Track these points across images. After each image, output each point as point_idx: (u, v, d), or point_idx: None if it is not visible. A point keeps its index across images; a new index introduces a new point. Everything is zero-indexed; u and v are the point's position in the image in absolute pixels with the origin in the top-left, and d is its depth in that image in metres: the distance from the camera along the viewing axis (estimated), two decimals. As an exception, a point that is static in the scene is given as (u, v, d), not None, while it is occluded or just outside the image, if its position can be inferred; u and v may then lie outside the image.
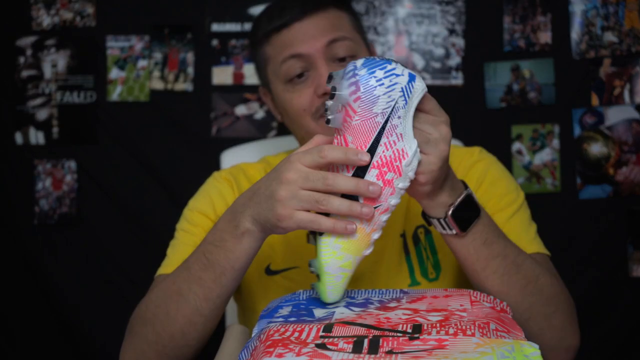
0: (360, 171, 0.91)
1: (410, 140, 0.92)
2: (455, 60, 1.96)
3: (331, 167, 0.93)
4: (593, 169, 1.92)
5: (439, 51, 1.96)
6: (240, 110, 1.99)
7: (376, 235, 0.95)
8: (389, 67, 0.89)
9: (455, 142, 1.68)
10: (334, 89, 0.90)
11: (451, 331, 0.84)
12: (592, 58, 1.91)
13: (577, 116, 1.92)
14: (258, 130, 1.99)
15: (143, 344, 1.07)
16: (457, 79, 1.96)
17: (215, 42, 2.00)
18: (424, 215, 1.03)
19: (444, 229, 1.01)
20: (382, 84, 0.89)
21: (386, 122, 0.90)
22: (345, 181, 0.90)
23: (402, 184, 0.93)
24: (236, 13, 2.00)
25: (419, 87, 0.92)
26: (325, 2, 1.22)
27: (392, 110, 0.90)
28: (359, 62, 0.90)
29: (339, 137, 0.92)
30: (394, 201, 0.93)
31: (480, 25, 1.96)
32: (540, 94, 1.94)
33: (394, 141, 0.91)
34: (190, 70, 2.01)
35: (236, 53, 1.99)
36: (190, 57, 2.01)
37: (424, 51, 1.96)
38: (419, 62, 1.97)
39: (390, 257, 1.23)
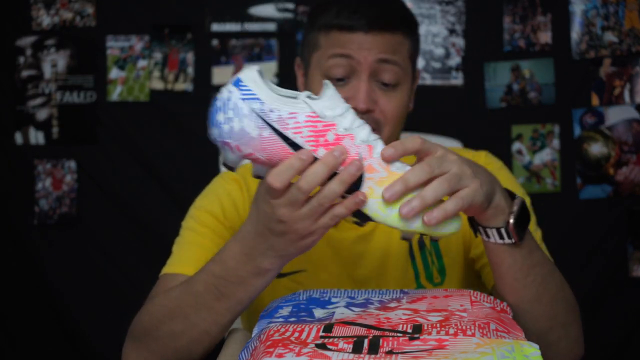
0: (354, 186, 0.86)
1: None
2: (455, 60, 1.96)
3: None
4: (593, 169, 1.92)
5: (439, 51, 1.96)
6: (240, 110, 1.99)
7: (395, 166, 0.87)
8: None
9: (456, 143, 1.68)
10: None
11: (451, 331, 0.84)
12: (592, 58, 1.91)
13: (577, 116, 1.92)
14: (258, 130, 1.99)
15: (145, 352, 1.07)
16: (457, 79, 1.96)
17: (215, 42, 2.00)
18: (474, 225, 0.97)
19: (501, 238, 0.95)
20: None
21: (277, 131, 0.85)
22: (316, 170, 0.85)
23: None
24: (236, 13, 2.00)
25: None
26: (395, 25, 1.20)
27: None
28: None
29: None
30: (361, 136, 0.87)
31: (480, 25, 1.96)
32: (540, 94, 1.94)
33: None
34: (190, 70, 2.01)
35: (236, 53, 1.99)
36: (190, 57, 2.01)
37: (424, 51, 1.96)
38: (419, 62, 1.97)
39: (396, 262, 1.24)
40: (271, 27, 1.99)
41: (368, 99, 1.17)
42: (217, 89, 2.10)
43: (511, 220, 0.94)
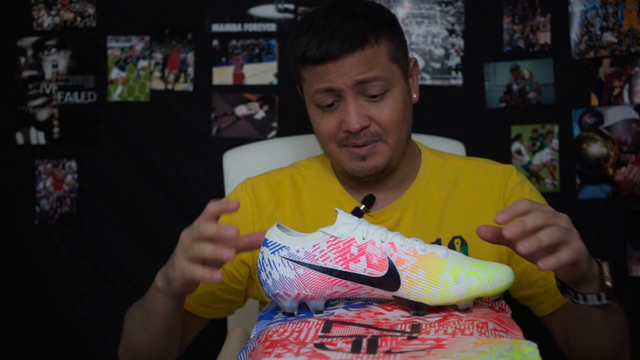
0: (394, 284, 0.94)
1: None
2: (455, 60, 1.96)
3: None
4: (592, 169, 1.92)
5: (439, 51, 1.96)
6: (240, 110, 2.00)
7: None
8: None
9: (456, 143, 1.68)
10: None
11: (450, 330, 0.85)
12: (591, 58, 1.91)
13: (577, 116, 1.93)
14: (258, 131, 1.99)
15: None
16: (457, 79, 1.96)
17: (215, 42, 2.01)
18: (566, 291, 1.08)
19: (599, 300, 1.06)
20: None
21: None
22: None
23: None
24: (236, 13, 2.00)
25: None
26: (363, 39, 1.18)
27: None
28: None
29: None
30: None
31: (480, 26, 1.96)
32: (540, 94, 1.94)
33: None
34: (191, 70, 2.01)
35: (236, 53, 1.99)
36: (190, 57, 2.01)
37: (424, 51, 1.96)
38: (419, 62, 1.97)
39: None
40: (271, 27, 1.99)
41: (359, 119, 1.19)
42: (218, 89, 2.11)
43: (610, 284, 1.06)
